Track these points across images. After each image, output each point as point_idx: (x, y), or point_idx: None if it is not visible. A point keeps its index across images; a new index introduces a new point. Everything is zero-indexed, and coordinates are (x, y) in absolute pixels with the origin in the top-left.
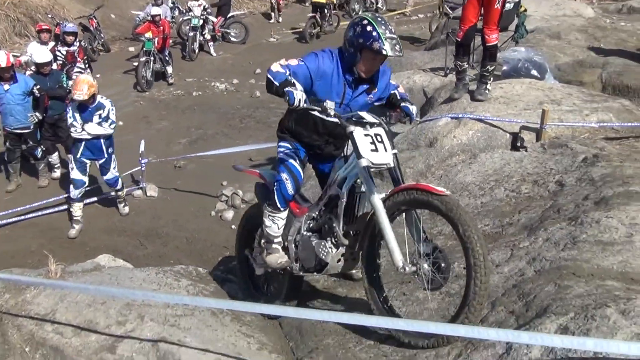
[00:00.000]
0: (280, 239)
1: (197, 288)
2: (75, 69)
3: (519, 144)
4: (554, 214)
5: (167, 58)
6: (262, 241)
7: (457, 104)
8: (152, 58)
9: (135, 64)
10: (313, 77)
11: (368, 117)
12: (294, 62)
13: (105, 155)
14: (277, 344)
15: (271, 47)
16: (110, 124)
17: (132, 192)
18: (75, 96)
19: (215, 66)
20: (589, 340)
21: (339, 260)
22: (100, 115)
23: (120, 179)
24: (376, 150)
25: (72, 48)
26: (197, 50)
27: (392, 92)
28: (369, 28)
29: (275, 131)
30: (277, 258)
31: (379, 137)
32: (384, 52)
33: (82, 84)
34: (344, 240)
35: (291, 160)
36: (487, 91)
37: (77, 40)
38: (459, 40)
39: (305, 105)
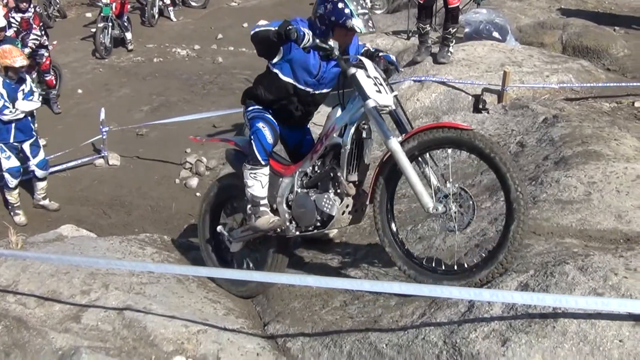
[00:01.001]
0: (266, 200)
1: (162, 256)
2: (31, 36)
3: (481, 106)
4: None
5: (125, 24)
6: (248, 206)
7: (420, 67)
8: (110, 24)
9: (93, 30)
10: (292, 44)
11: (367, 60)
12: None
13: (34, 134)
14: (243, 309)
15: (233, 12)
16: (38, 97)
17: (94, 161)
18: (18, 62)
19: (175, 32)
20: (548, 296)
21: (343, 212)
22: (24, 90)
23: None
24: (380, 91)
25: (26, 14)
26: (156, 16)
27: (363, 50)
28: (340, 5)
29: (240, 99)
30: (268, 219)
31: (378, 80)
32: (358, 29)
33: (14, 51)
34: (351, 189)
35: (265, 114)
36: (449, 54)
37: (32, 6)
38: (421, 2)
39: (316, 41)
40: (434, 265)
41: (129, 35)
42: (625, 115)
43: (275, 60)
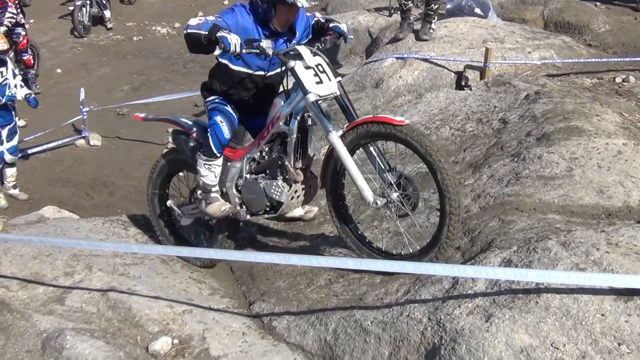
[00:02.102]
0: (217, 187)
1: (146, 236)
2: (7, 15)
3: (463, 83)
4: (497, 151)
5: (104, 1)
6: (198, 192)
7: (402, 44)
8: (88, 2)
9: (71, 8)
10: (233, 33)
11: (304, 50)
12: (211, 18)
13: (14, 119)
14: (228, 289)
15: None
16: (21, 80)
17: (75, 141)
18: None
19: (155, 9)
20: (531, 272)
21: (292, 198)
22: (2, 73)
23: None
24: (321, 81)
25: None
26: None
27: (313, 21)
28: None
29: (200, 90)
30: (220, 207)
31: (320, 67)
32: (299, 4)
33: None
34: (299, 176)
35: (224, 106)
36: (431, 30)
37: None
38: None
39: (243, 49)
40: (385, 249)
41: (107, 14)
42: (607, 91)
43: (218, 53)
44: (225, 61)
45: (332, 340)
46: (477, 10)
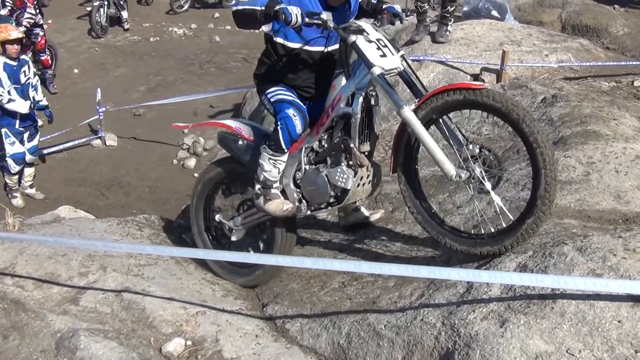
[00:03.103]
0: (279, 183)
1: (161, 237)
2: (26, 15)
3: None
4: (513, 154)
5: (121, 2)
6: (257, 187)
7: (418, 46)
8: (105, 2)
9: (89, 9)
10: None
11: (365, 24)
12: None
13: (37, 119)
14: (242, 291)
15: None
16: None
17: (91, 141)
18: (14, 34)
19: None
20: (547, 277)
21: (358, 185)
22: (25, 72)
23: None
24: (384, 55)
25: None
26: None
27: (364, 1)
28: None
29: (255, 83)
30: (280, 205)
31: (381, 42)
32: None
33: (8, 26)
34: (365, 160)
35: (292, 97)
36: (448, 33)
37: None
38: None
39: (305, 21)
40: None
41: (125, 14)
42: (625, 95)
43: (270, 28)
44: (280, 39)
45: (345, 344)
46: (494, 13)
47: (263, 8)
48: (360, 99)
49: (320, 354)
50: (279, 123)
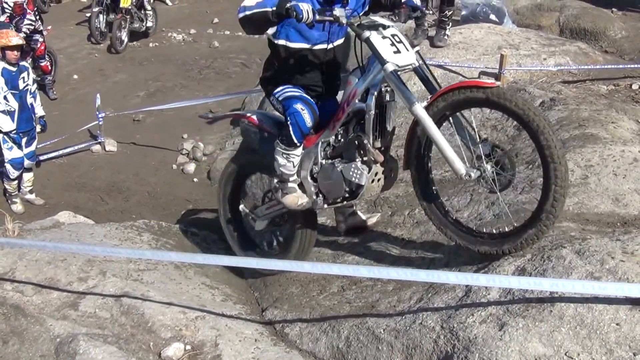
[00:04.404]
0: (295, 177)
1: (160, 242)
2: (25, 21)
3: None
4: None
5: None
6: (275, 181)
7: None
8: (105, 8)
9: (88, 15)
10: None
11: (379, 19)
12: None
13: (34, 124)
14: (241, 295)
15: None
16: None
17: (91, 147)
18: (14, 41)
19: (171, 16)
20: (545, 281)
21: (373, 181)
22: (24, 79)
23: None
24: (398, 51)
25: None
26: (152, 0)
27: None
28: None
29: (262, 88)
30: (296, 199)
31: (396, 38)
32: None
33: (9, 32)
34: (379, 156)
35: (300, 93)
36: (446, 37)
37: None
38: None
39: (316, 17)
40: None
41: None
42: (623, 98)
43: (273, 32)
44: (282, 41)
45: (345, 348)
46: (492, 17)
47: (274, 8)
48: (374, 96)
49: (320, 358)
50: (288, 118)
